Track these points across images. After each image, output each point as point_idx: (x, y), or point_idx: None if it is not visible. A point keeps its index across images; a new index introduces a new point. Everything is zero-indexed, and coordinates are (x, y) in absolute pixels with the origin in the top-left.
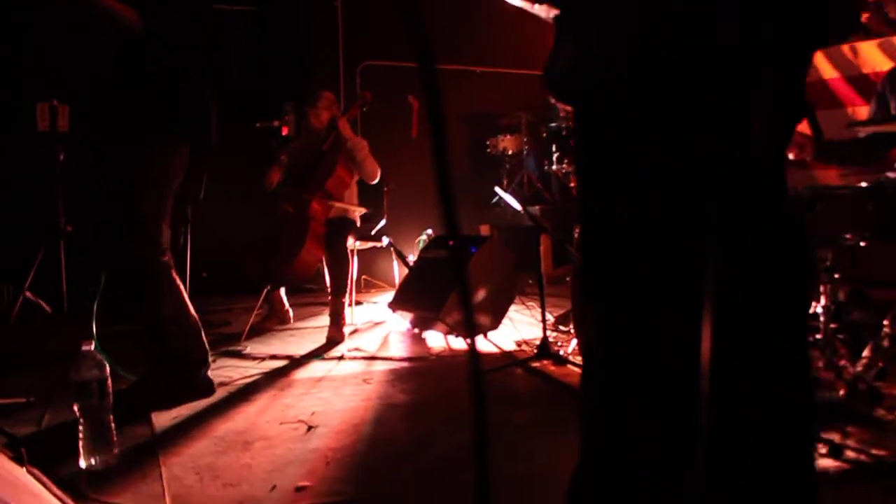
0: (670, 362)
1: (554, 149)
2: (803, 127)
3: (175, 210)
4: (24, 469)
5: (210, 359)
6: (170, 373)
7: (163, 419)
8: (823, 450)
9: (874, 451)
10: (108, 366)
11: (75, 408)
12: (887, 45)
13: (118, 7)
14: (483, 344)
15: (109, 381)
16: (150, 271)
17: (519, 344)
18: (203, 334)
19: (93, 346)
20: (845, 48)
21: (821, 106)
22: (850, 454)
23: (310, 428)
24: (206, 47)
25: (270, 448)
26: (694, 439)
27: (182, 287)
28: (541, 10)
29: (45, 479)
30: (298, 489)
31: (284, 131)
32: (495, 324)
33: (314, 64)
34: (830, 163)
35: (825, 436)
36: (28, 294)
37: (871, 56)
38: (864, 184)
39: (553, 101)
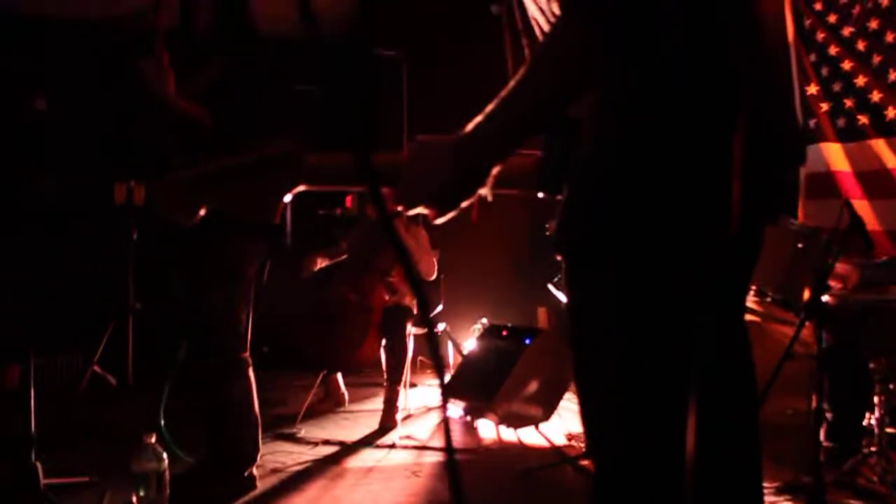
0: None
1: None
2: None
3: None
4: None
5: (259, 457)
6: (218, 464)
7: None
8: None
9: None
10: (166, 458)
11: (133, 499)
12: None
13: (190, 110)
14: (533, 437)
15: (167, 473)
16: (227, 364)
17: (569, 438)
18: (259, 432)
19: (154, 439)
20: None
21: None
22: None
23: None
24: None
25: None
26: None
27: (253, 385)
28: None
29: None
30: None
31: (348, 202)
32: (546, 416)
33: (379, 117)
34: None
35: None
36: (96, 367)
37: None
38: None
39: None
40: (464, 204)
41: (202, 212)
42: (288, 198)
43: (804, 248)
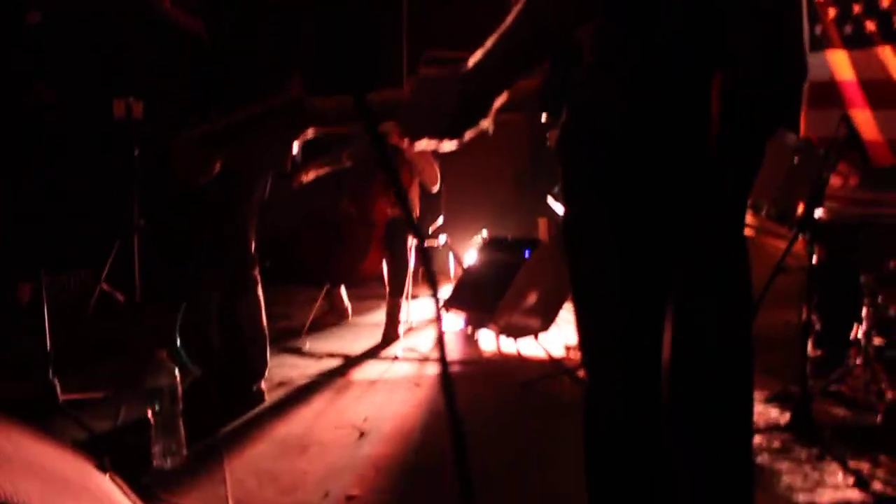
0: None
1: None
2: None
3: None
4: (107, 476)
5: (266, 371)
6: (228, 378)
7: (227, 421)
8: (850, 480)
9: None
10: (178, 373)
11: (149, 413)
12: None
13: (186, 22)
14: (532, 348)
15: (180, 388)
16: (237, 283)
17: (568, 349)
18: (267, 348)
19: (166, 354)
20: None
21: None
22: (877, 486)
23: (362, 434)
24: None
25: (324, 454)
26: None
27: (262, 302)
28: None
29: (125, 487)
30: (348, 498)
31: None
32: (545, 326)
33: (379, 55)
34: (877, 190)
35: (854, 465)
36: (104, 285)
37: None
38: None
39: None
40: (468, 135)
41: (217, 168)
42: (296, 146)
43: (800, 163)
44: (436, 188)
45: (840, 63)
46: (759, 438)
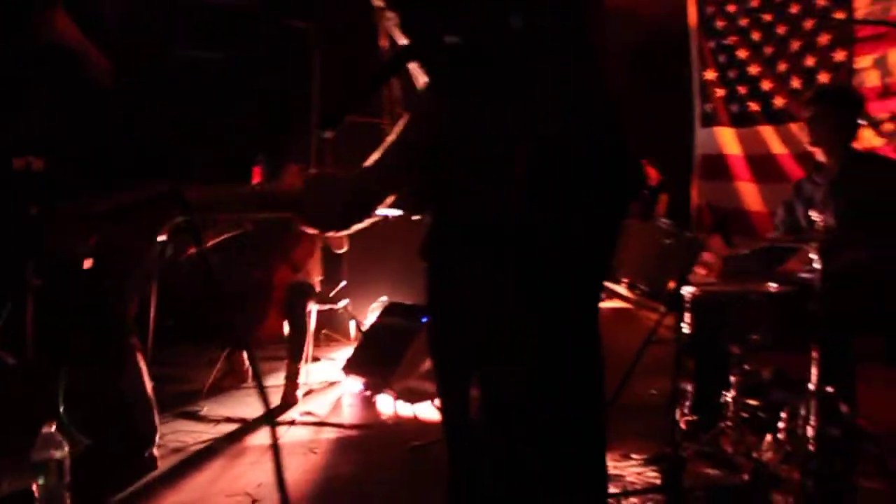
0: None
1: None
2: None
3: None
4: None
5: (157, 436)
6: (117, 448)
7: (116, 491)
8: None
9: None
10: (66, 446)
11: (34, 486)
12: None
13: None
14: (429, 412)
15: (68, 461)
16: (116, 350)
17: None
18: (155, 413)
19: (54, 427)
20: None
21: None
22: None
23: (254, 501)
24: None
25: None
26: None
27: (143, 368)
28: None
29: None
30: None
31: (256, 176)
32: None
33: (289, 116)
34: (739, 278)
35: None
36: None
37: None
38: (772, 287)
39: None
40: (354, 229)
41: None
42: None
43: (670, 245)
44: (342, 250)
45: (728, 139)
46: (636, 500)
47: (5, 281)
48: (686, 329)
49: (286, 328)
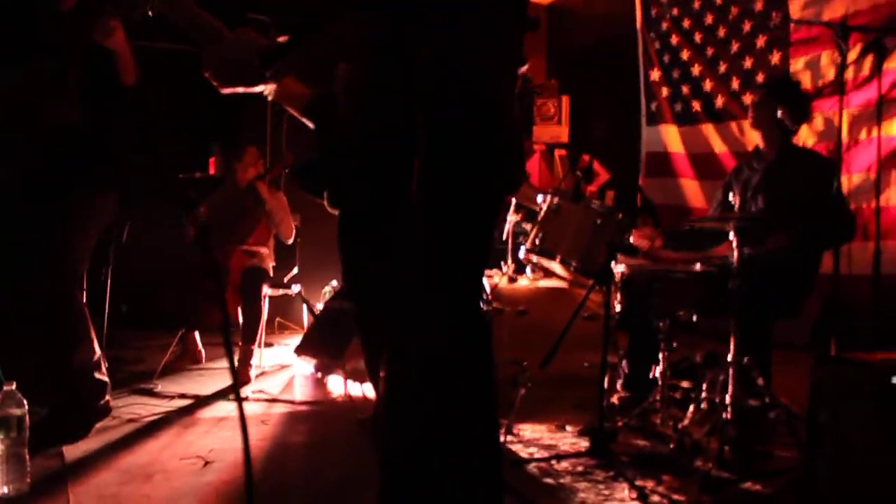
0: None
1: None
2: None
3: (97, 251)
4: None
5: (107, 389)
6: (71, 407)
7: (72, 452)
8: (633, 494)
9: (675, 497)
10: (26, 403)
11: None
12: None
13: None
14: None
15: (28, 417)
16: (67, 304)
17: None
18: (102, 364)
19: (14, 386)
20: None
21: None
22: (654, 499)
23: (206, 463)
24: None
25: (169, 481)
26: None
27: (89, 321)
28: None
29: None
30: None
31: (211, 168)
32: None
33: (242, 107)
34: (678, 250)
35: (640, 483)
36: None
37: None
38: (697, 267)
39: None
40: (256, 89)
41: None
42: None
43: (602, 225)
44: (290, 240)
45: (672, 137)
46: (566, 464)
47: None
48: (617, 306)
49: (240, 311)
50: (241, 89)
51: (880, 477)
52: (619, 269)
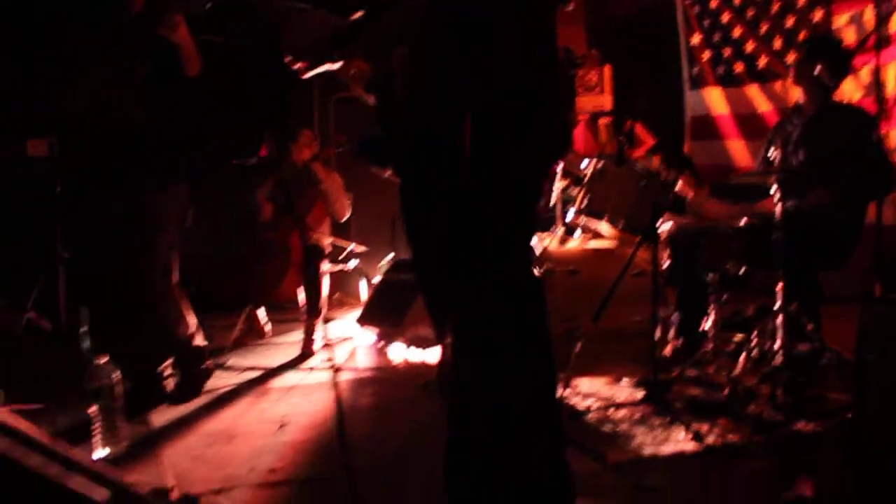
0: None
1: None
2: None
3: None
4: None
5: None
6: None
7: (159, 419)
8: (689, 436)
9: (729, 437)
10: (117, 374)
11: (91, 409)
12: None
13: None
14: (438, 356)
15: (119, 387)
16: (163, 292)
17: None
18: (199, 333)
19: (106, 360)
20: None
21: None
22: (710, 440)
23: (282, 425)
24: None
25: (249, 441)
26: None
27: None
28: None
29: None
30: (271, 471)
31: (263, 151)
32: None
33: (290, 96)
34: (724, 201)
35: (696, 427)
36: (32, 314)
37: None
38: (742, 222)
39: None
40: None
41: None
42: None
43: (646, 185)
44: (344, 218)
45: (716, 99)
46: (622, 413)
47: (38, 253)
48: (664, 263)
49: (302, 288)
50: (318, 69)
51: None
52: (665, 226)
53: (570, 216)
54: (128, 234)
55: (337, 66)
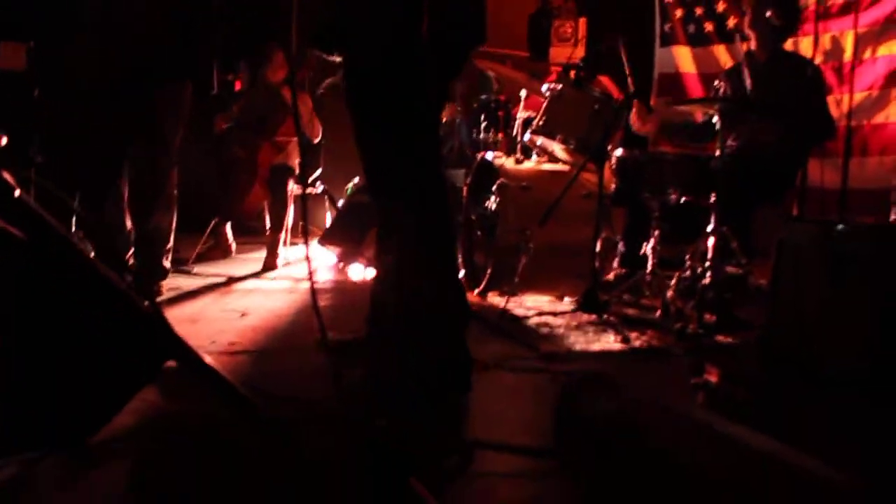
0: None
1: (483, 118)
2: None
3: None
4: None
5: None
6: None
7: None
8: (618, 338)
9: (653, 343)
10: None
11: None
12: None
13: None
14: None
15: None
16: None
17: None
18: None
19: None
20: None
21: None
22: (636, 342)
23: (243, 314)
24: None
25: (212, 324)
26: None
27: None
28: None
29: None
30: (231, 343)
31: (237, 86)
32: None
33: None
34: (673, 139)
35: (628, 333)
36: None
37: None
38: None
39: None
40: None
41: None
42: None
43: (599, 110)
44: (318, 139)
45: (684, 57)
46: (561, 320)
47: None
48: (612, 185)
49: (267, 204)
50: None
51: (826, 321)
52: (616, 152)
53: (527, 136)
54: (142, 115)
55: None
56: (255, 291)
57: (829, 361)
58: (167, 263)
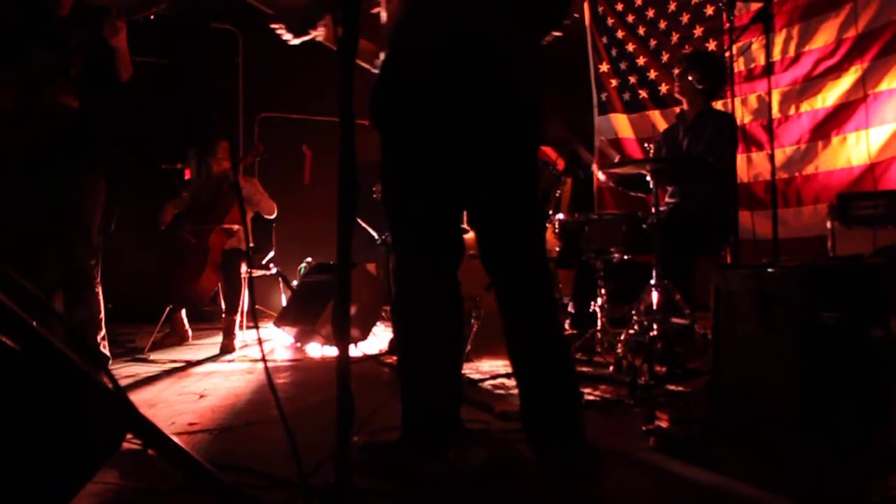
0: None
1: None
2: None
3: None
4: None
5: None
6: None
7: None
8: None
9: (606, 396)
10: None
11: None
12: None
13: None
14: (353, 351)
15: None
16: (92, 275)
17: (382, 352)
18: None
19: None
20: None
21: None
22: (589, 398)
23: (201, 396)
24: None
25: (170, 407)
26: None
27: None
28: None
29: None
30: (191, 424)
31: (187, 174)
32: (363, 336)
33: (217, 114)
34: (622, 186)
35: (582, 389)
36: None
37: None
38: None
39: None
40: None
41: None
42: None
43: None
44: (274, 214)
45: (622, 124)
46: (513, 381)
47: None
48: (556, 248)
49: (220, 287)
50: (302, 38)
51: (759, 364)
52: (558, 216)
53: None
54: (56, 205)
55: (320, 32)
56: (213, 374)
57: (763, 403)
58: (105, 350)
